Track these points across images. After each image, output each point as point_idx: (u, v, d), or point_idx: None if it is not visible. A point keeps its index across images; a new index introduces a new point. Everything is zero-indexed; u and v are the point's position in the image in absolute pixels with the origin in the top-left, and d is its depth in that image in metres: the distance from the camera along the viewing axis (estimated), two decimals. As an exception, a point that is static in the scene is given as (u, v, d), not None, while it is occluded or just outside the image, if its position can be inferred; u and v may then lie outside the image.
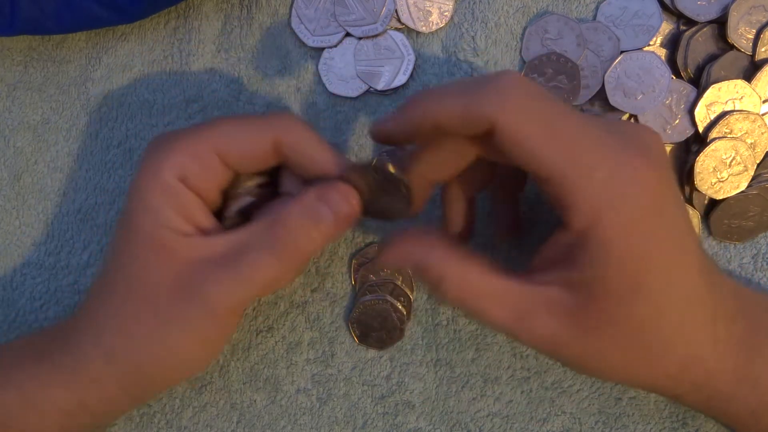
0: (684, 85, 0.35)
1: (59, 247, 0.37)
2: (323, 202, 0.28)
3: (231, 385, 0.36)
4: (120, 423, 0.36)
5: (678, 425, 0.34)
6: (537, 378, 0.35)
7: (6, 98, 0.37)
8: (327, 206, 0.27)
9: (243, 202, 0.30)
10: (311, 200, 0.28)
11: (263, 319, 0.36)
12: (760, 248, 0.35)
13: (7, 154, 0.37)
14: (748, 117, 0.34)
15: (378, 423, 0.35)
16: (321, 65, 0.36)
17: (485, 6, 0.36)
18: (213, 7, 0.37)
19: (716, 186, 0.34)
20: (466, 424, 0.35)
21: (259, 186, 0.31)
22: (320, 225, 0.28)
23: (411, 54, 0.35)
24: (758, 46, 0.34)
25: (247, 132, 0.28)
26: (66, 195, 0.37)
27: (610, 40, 0.35)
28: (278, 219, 0.28)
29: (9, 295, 0.37)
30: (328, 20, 0.36)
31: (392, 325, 0.35)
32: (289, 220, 0.28)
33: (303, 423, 0.36)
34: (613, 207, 0.25)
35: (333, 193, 0.28)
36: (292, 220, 0.28)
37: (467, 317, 0.28)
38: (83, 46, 0.37)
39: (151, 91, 0.37)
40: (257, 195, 0.30)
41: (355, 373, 0.36)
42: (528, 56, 0.35)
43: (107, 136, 0.37)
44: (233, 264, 0.28)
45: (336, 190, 0.28)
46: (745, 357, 0.28)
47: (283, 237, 0.27)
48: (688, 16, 0.34)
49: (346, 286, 0.36)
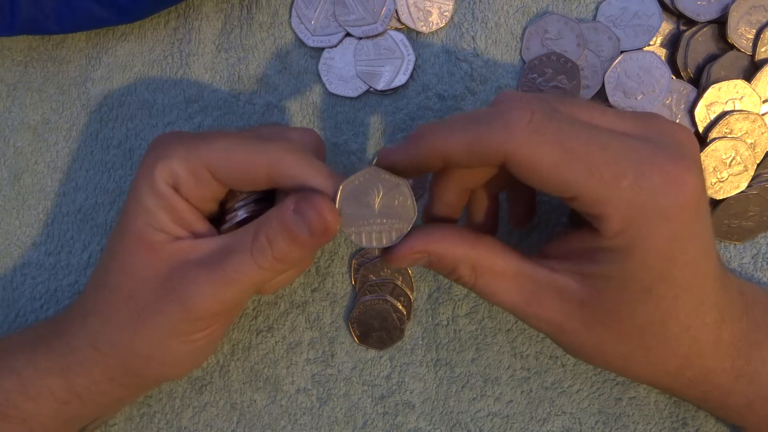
0: (684, 85, 0.35)
1: (59, 247, 0.37)
2: (300, 215, 0.27)
3: (231, 385, 0.36)
4: (120, 423, 0.36)
5: (678, 425, 0.34)
6: (537, 378, 0.35)
7: (6, 98, 0.37)
8: (303, 220, 0.27)
9: (237, 218, 0.31)
10: (288, 212, 0.27)
11: (263, 319, 0.36)
12: (760, 248, 0.35)
13: (7, 154, 0.37)
14: (748, 117, 0.34)
15: (378, 423, 0.35)
16: (321, 65, 0.36)
17: (485, 6, 0.36)
18: (213, 7, 0.37)
19: (716, 186, 0.34)
20: (466, 424, 0.35)
21: (255, 201, 0.31)
22: (296, 239, 0.28)
23: (411, 54, 0.35)
24: (758, 46, 0.34)
25: (242, 155, 0.28)
26: (66, 195, 0.37)
27: (610, 40, 0.35)
28: (260, 226, 0.28)
29: (9, 295, 0.37)
30: (328, 20, 0.36)
31: (392, 325, 0.35)
32: (268, 229, 0.28)
33: (303, 423, 0.36)
34: (645, 213, 0.24)
35: (308, 207, 0.27)
36: (271, 229, 0.28)
37: (481, 297, 0.29)
38: (83, 46, 0.37)
39: (151, 91, 0.37)
40: (252, 209, 0.31)
41: (355, 373, 0.36)
42: (528, 56, 0.35)
43: (107, 136, 0.37)
44: (215, 266, 0.28)
45: (310, 204, 0.27)
46: (745, 353, 0.28)
47: (263, 244, 0.28)
48: (688, 16, 0.34)
49: (346, 286, 0.36)
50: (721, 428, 0.34)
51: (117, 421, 0.36)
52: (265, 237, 0.28)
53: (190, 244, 0.29)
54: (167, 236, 0.29)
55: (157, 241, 0.29)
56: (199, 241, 0.29)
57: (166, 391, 0.36)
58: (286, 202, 0.28)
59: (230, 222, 0.31)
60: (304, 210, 0.27)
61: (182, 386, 0.36)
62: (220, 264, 0.28)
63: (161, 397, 0.36)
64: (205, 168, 0.28)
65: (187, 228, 0.29)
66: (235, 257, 0.28)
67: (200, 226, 0.29)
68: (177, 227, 0.29)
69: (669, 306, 0.26)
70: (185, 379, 0.36)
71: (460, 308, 0.35)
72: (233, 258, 0.28)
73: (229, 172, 0.28)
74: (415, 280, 0.35)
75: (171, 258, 0.29)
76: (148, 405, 0.36)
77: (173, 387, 0.36)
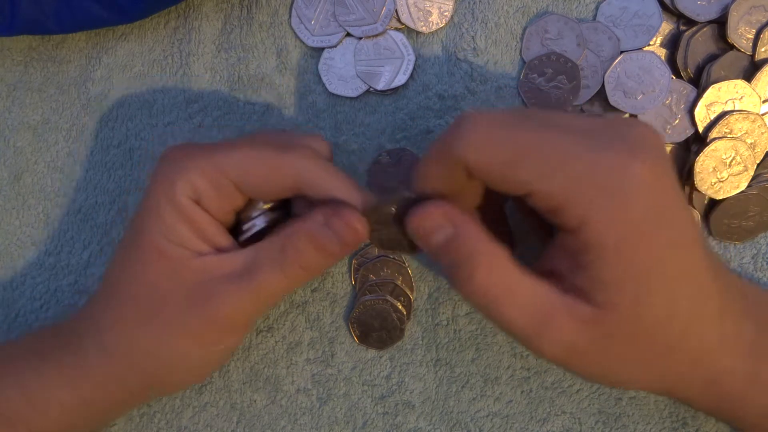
0: (684, 85, 0.35)
1: (59, 247, 0.37)
2: (329, 227, 0.28)
3: (231, 385, 0.36)
4: (120, 423, 0.36)
5: (678, 425, 0.34)
6: (537, 378, 0.35)
7: (6, 98, 0.37)
8: (332, 232, 0.28)
9: (255, 228, 0.31)
10: (318, 225, 0.28)
11: (263, 319, 0.36)
12: (760, 248, 0.35)
13: (7, 154, 0.37)
14: (748, 117, 0.34)
15: (378, 423, 0.35)
16: (321, 65, 0.36)
17: (485, 6, 0.36)
18: (213, 7, 0.37)
19: (716, 186, 0.34)
20: (466, 424, 0.35)
21: (272, 209, 0.31)
22: (325, 250, 0.29)
23: (411, 54, 0.35)
24: (758, 46, 0.34)
25: (267, 166, 0.29)
26: (66, 195, 0.37)
27: (610, 40, 0.35)
28: (288, 239, 0.29)
29: (9, 295, 0.37)
30: (328, 20, 0.36)
31: (392, 325, 0.35)
32: (297, 242, 0.29)
33: (303, 423, 0.36)
34: (601, 200, 0.24)
35: (338, 220, 0.28)
36: (300, 243, 0.29)
37: (480, 312, 0.27)
38: (83, 46, 0.37)
39: (151, 91, 0.37)
40: (269, 218, 0.31)
41: (355, 373, 0.36)
42: (528, 56, 0.35)
43: (107, 136, 0.37)
44: (243, 280, 0.29)
45: (341, 217, 0.28)
46: (755, 359, 0.28)
47: (291, 257, 0.29)
48: (688, 16, 0.34)
49: (346, 286, 0.36)
50: (721, 428, 0.34)
51: (117, 421, 0.36)
52: (292, 249, 0.29)
53: (215, 260, 0.29)
54: (190, 252, 0.29)
55: (179, 256, 0.29)
56: (224, 257, 0.29)
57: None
58: (314, 216, 0.29)
59: (248, 233, 0.31)
60: (334, 223, 0.28)
61: (182, 386, 0.36)
62: (248, 277, 0.29)
63: (161, 397, 0.36)
64: (227, 179, 0.29)
65: (209, 243, 0.29)
66: (263, 270, 0.29)
67: (222, 239, 0.30)
68: (200, 242, 0.29)
69: (666, 299, 0.26)
70: (185, 379, 0.36)
71: (460, 308, 0.35)
72: (261, 271, 0.29)
73: (255, 184, 0.29)
74: (415, 280, 0.35)
75: (196, 274, 0.29)
76: (148, 405, 0.36)
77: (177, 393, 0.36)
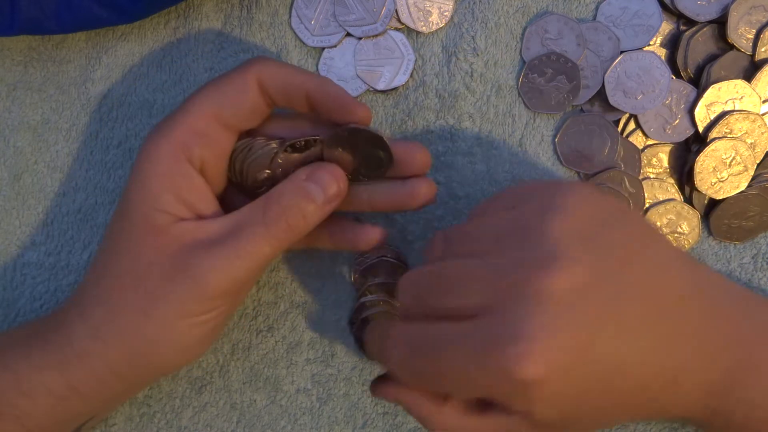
0: (684, 85, 0.35)
1: (59, 247, 0.37)
2: (313, 181, 0.29)
3: (231, 385, 0.36)
4: (120, 423, 0.36)
5: (678, 425, 0.34)
6: (537, 378, 0.35)
7: (6, 98, 0.37)
8: (317, 185, 0.29)
9: None
10: (302, 180, 0.30)
11: (263, 319, 0.36)
12: (760, 248, 0.35)
13: (7, 154, 0.37)
14: (748, 117, 0.34)
15: (378, 423, 0.35)
16: (321, 65, 0.36)
17: (485, 6, 0.36)
18: (213, 7, 0.37)
19: (716, 186, 0.34)
20: (466, 424, 0.35)
21: None
22: (311, 203, 0.29)
23: (411, 54, 0.36)
24: (758, 46, 0.34)
25: (231, 85, 0.30)
26: (66, 195, 0.37)
27: (610, 40, 0.35)
28: (271, 198, 0.29)
29: (9, 295, 0.37)
30: (328, 20, 0.36)
31: (392, 325, 0.35)
32: (282, 198, 0.29)
33: (303, 423, 0.36)
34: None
35: (322, 173, 0.30)
36: (284, 199, 0.29)
37: None
38: (83, 46, 0.37)
39: (151, 91, 0.37)
40: None
41: (355, 373, 0.36)
42: (528, 56, 0.35)
43: (107, 136, 0.37)
44: (227, 242, 0.29)
45: (325, 170, 0.30)
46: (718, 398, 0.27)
47: (277, 214, 0.29)
48: (688, 16, 0.34)
49: (347, 286, 0.36)
50: (721, 428, 0.34)
51: (117, 421, 0.36)
52: (277, 206, 0.29)
53: (196, 225, 0.29)
54: (173, 218, 0.29)
55: (164, 223, 0.29)
56: (206, 222, 0.29)
57: (166, 391, 0.36)
58: (297, 174, 0.30)
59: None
60: (318, 175, 0.30)
61: (182, 386, 0.36)
62: (232, 241, 0.29)
63: (161, 397, 0.36)
64: (208, 117, 0.29)
65: (193, 209, 0.30)
66: (247, 230, 0.29)
67: (207, 205, 0.30)
68: (183, 209, 0.29)
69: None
70: (185, 379, 0.36)
71: (460, 308, 0.35)
72: (245, 231, 0.29)
73: (231, 107, 0.30)
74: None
75: (181, 241, 0.29)
76: (148, 405, 0.36)
77: (173, 387, 0.36)
